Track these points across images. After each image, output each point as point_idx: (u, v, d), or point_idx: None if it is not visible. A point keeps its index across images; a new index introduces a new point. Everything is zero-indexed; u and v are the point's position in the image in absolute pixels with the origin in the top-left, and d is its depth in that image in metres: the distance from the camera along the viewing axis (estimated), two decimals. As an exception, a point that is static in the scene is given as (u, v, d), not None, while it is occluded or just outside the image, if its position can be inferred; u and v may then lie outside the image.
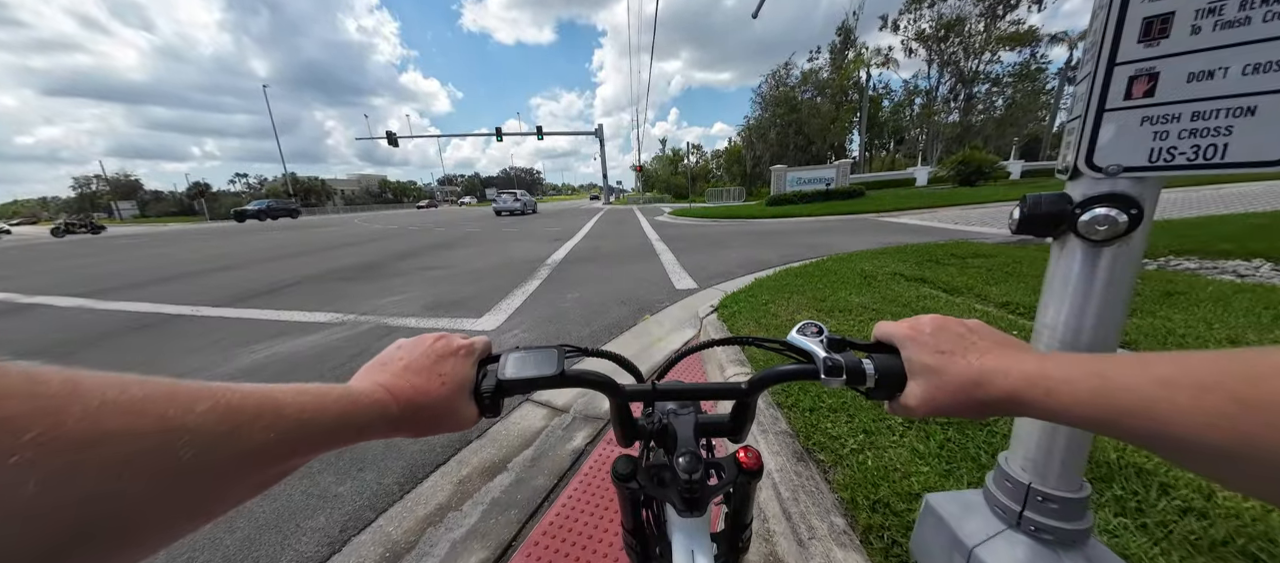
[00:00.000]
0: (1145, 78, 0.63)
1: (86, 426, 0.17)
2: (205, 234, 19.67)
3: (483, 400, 0.39)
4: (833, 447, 1.48)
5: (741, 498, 0.52)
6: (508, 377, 0.40)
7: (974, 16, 34.76)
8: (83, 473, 0.17)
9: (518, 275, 5.61)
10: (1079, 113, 0.72)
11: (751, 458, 0.49)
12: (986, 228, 7.83)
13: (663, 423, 0.50)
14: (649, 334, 3.20)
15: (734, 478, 0.49)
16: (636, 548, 0.57)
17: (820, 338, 0.42)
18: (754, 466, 0.49)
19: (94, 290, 6.09)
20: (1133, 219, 0.65)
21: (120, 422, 0.18)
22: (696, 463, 0.44)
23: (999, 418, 1.41)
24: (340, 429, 0.29)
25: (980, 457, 1.37)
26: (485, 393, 0.39)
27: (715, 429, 0.50)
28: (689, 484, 0.43)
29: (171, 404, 0.20)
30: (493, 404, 0.40)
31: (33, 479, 0.16)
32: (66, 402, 0.17)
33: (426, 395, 0.35)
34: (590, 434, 1.89)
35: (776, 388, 1.88)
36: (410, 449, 1.85)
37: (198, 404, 0.21)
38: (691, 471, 0.43)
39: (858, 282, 3.74)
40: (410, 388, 0.35)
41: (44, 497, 0.16)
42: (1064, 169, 0.76)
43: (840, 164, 22.03)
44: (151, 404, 0.20)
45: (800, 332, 0.44)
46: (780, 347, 0.46)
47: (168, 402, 0.20)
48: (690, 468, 0.43)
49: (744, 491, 0.51)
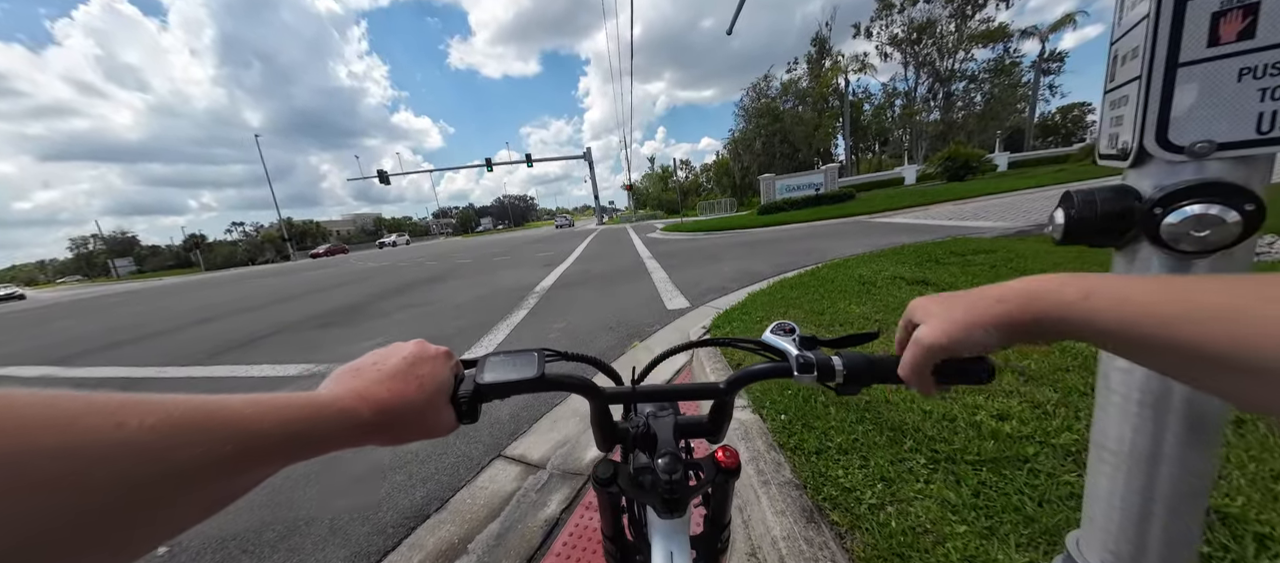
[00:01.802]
0: (1239, 11, 0.44)
1: (8, 442, 0.17)
2: (196, 286, 19.44)
3: (460, 407, 0.38)
4: (847, 502, 1.23)
5: (721, 498, 0.51)
6: (486, 381, 0.39)
7: (944, 18, 35.76)
8: (6, 491, 0.16)
9: (504, 306, 5.39)
10: (1133, 74, 0.52)
11: (729, 457, 0.49)
12: (982, 222, 7.70)
13: (644, 426, 0.50)
14: (639, 361, 2.96)
15: (713, 477, 0.48)
16: (616, 555, 0.55)
17: (792, 337, 0.45)
18: (732, 464, 0.48)
19: (65, 356, 5.84)
20: (1248, 218, 0.44)
21: (50, 439, 0.18)
22: (676, 464, 0.44)
23: (1039, 453, 1.17)
24: (305, 438, 0.27)
25: (1025, 507, 1.12)
26: (463, 398, 0.38)
27: (694, 430, 0.51)
28: (669, 485, 0.43)
29: (110, 419, 0.20)
30: (470, 410, 0.38)
31: None
32: None
33: (403, 399, 0.34)
34: (567, 497, 1.64)
35: (778, 429, 1.64)
36: (356, 533, 1.59)
37: (145, 417, 0.21)
38: (671, 471, 0.43)
39: (856, 289, 3.53)
40: (386, 391, 0.33)
41: None
42: (1119, 151, 0.56)
43: (828, 169, 22.10)
44: (87, 418, 0.19)
45: (774, 331, 0.46)
46: (756, 346, 0.48)
47: (104, 416, 0.20)
48: (670, 469, 0.43)
49: (722, 490, 0.51)
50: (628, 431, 0.50)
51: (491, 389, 0.38)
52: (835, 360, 0.39)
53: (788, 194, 20.62)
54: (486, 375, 0.39)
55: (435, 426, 0.36)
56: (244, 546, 1.59)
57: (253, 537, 1.63)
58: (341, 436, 0.30)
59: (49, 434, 0.18)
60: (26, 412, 0.18)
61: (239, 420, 0.24)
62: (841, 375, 0.39)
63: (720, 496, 0.51)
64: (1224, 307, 0.22)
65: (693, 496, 0.46)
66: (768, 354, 0.45)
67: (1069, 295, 0.28)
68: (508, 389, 0.38)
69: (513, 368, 0.39)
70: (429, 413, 0.35)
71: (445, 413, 0.37)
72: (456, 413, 0.38)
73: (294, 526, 1.67)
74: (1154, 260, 0.52)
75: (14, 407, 0.18)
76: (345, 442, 0.30)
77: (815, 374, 0.39)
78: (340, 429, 0.30)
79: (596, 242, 15.75)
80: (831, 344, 0.44)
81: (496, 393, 0.39)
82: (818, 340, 0.44)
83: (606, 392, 0.44)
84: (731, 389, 0.44)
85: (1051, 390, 1.64)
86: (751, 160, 40.70)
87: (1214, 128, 0.47)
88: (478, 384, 0.38)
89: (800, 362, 0.40)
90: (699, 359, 2.62)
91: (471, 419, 0.39)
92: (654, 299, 4.88)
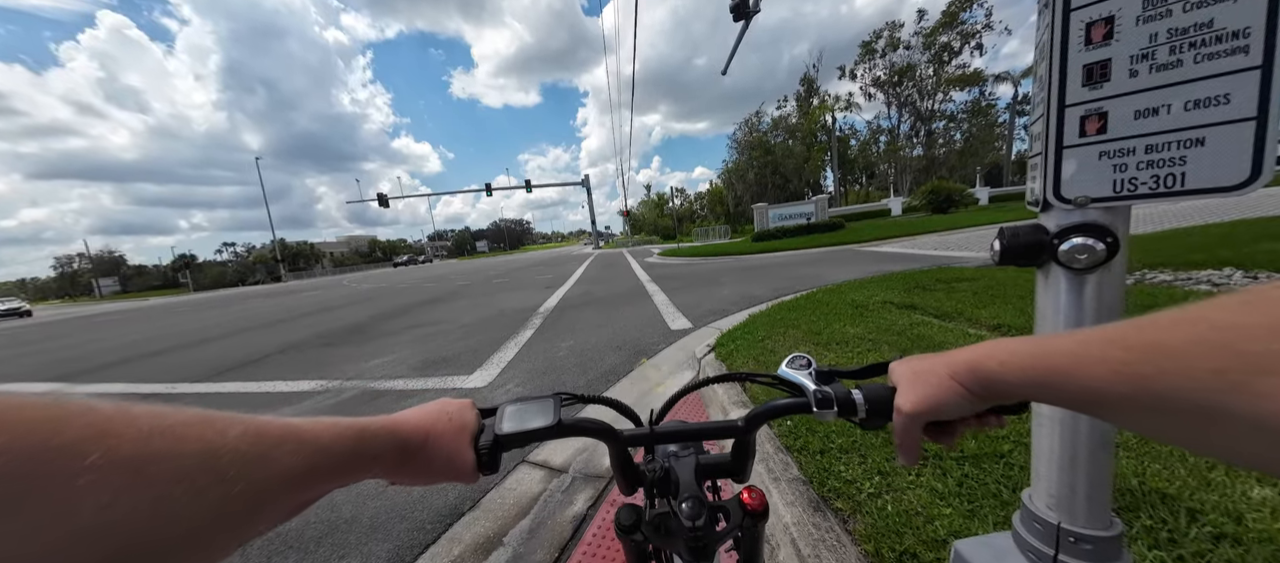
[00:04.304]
0: (1095, 117, 0.68)
1: (139, 448, 0.19)
2: (184, 307, 19.11)
3: (481, 456, 0.39)
4: (849, 492, 1.40)
5: (751, 543, 0.49)
6: (505, 431, 0.39)
7: (923, 63, 38.11)
8: (139, 491, 0.18)
9: (510, 326, 5.53)
10: (1040, 149, 0.76)
11: (755, 499, 0.47)
12: (966, 252, 8.08)
13: (665, 468, 0.48)
14: (647, 379, 3.12)
15: (740, 522, 0.47)
16: None
17: (809, 371, 0.44)
18: (759, 507, 0.47)
19: (69, 373, 5.80)
20: (1110, 247, 0.67)
21: (168, 445, 0.20)
22: (700, 508, 0.42)
23: (1014, 450, 1.37)
24: (357, 457, 0.30)
25: (1001, 493, 1.31)
26: (484, 449, 0.39)
27: (717, 470, 0.49)
28: (694, 532, 0.41)
29: (209, 428, 0.22)
30: (491, 460, 0.39)
31: (94, 499, 0.17)
32: (122, 427, 0.19)
33: (436, 427, 0.37)
34: (592, 496, 1.78)
35: (784, 433, 1.81)
36: (397, 530, 1.71)
37: (231, 429, 0.23)
38: (695, 516, 0.42)
39: (850, 312, 3.76)
40: (422, 418, 0.37)
41: (104, 514, 0.17)
42: (1034, 201, 0.80)
43: (819, 199, 22.97)
44: (192, 429, 0.21)
45: (790, 365, 0.45)
46: (773, 381, 0.46)
47: (205, 427, 0.22)
48: (694, 514, 0.42)
49: (753, 534, 0.48)
50: (649, 474, 0.48)
51: (510, 439, 0.39)
52: (856, 395, 0.38)
53: (781, 222, 21.28)
54: (505, 426, 0.39)
55: (461, 465, 0.38)
56: (288, 542, 1.70)
57: (295, 536, 1.73)
58: (387, 456, 0.33)
59: (190, 441, 0.20)
60: (163, 421, 0.20)
61: (313, 437, 0.27)
62: (863, 411, 0.38)
63: (750, 540, 0.49)
64: (1095, 355, 0.25)
65: (721, 541, 0.44)
66: (784, 389, 0.44)
67: (992, 367, 0.31)
68: (526, 438, 0.39)
69: (530, 416, 0.39)
70: (456, 450, 0.38)
71: (468, 453, 0.38)
72: (478, 462, 0.38)
73: (333, 525, 1.77)
74: (1061, 276, 0.74)
75: (157, 416, 0.20)
76: (389, 463, 0.33)
77: (836, 410, 0.38)
78: (386, 449, 0.33)
79: (594, 265, 16.02)
80: (850, 376, 0.43)
81: (515, 442, 0.39)
82: (836, 372, 0.43)
83: (625, 434, 0.44)
84: (751, 427, 0.43)
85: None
86: (744, 190, 42.04)
87: (1088, 188, 0.70)
88: (496, 435, 0.39)
89: (819, 397, 0.39)
90: (713, 390, 2.78)
91: (492, 469, 0.39)
92: (656, 320, 5.06)
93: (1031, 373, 0.29)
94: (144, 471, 0.18)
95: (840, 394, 0.39)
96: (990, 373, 0.31)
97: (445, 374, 3.84)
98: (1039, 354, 0.28)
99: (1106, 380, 0.24)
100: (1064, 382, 0.27)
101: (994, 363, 0.31)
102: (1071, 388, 0.26)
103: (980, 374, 0.31)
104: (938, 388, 0.34)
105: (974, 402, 0.33)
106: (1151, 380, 0.22)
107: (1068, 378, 0.26)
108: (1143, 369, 0.23)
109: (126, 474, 0.18)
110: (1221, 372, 0.20)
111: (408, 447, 0.35)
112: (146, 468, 0.19)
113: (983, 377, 0.31)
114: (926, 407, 0.34)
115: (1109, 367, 0.24)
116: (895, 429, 0.36)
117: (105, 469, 0.17)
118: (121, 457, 0.18)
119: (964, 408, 0.33)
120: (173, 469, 0.19)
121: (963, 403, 0.33)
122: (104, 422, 0.18)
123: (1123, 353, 0.24)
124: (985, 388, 0.31)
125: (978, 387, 0.32)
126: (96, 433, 0.18)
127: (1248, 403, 0.19)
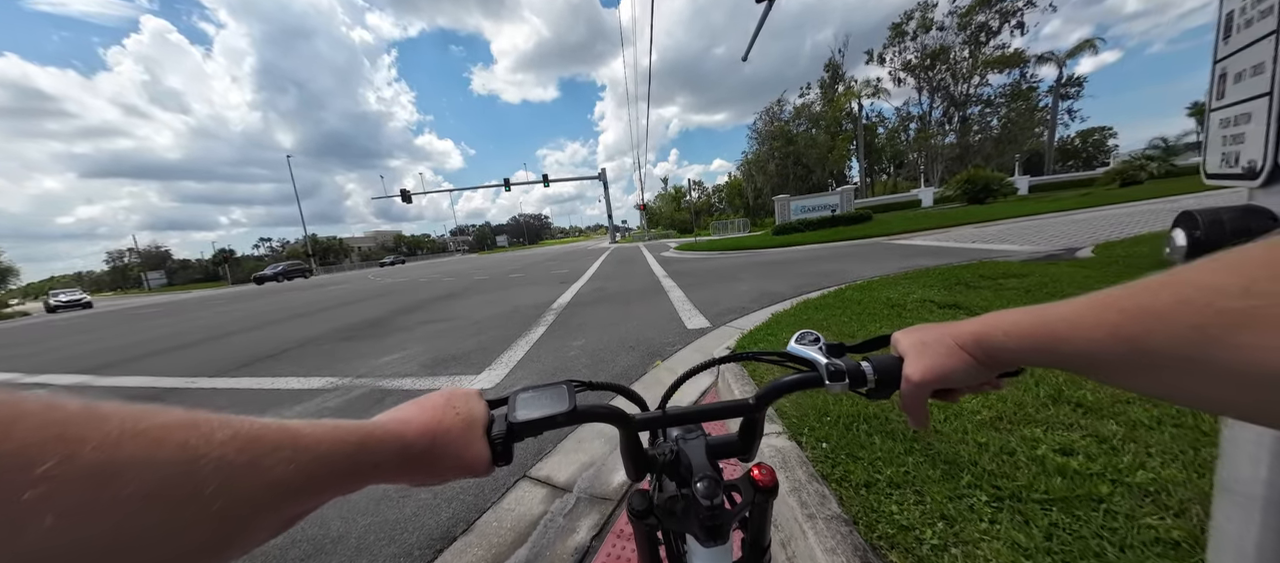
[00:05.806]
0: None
1: (106, 455, 0.16)
2: (221, 299, 20.10)
3: (495, 447, 0.37)
4: (906, 542, 1.15)
5: (759, 520, 0.49)
6: (519, 419, 0.38)
7: (958, 44, 36.01)
8: (101, 508, 0.16)
9: (522, 323, 5.41)
10: (1262, 89, 0.49)
11: (766, 475, 0.47)
12: (1008, 245, 7.50)
13: (674, 450, 0.48)
14: (661, 383, 2.90)
15: (752, 499, 0.47)
16: None
17: (819, 345, 0.44)
18: (770, 482, 0.47)
19: (98, 366, 6.04)
20: None
21: (141, 451, 0.17)
22: (715, 487, 0.42)
23: (1114, 493, 1.04)
24: (358, 465, 0.28)
25: (1105, 552, 1.03)
26: (497, 439, 0.37)
27: (725, 450, 0.49)
28: (711, 511, 0.41)
29: (193, 432, 0.20)
30: (505, 450, 0.38)
31: (43, 518, 0.15)
32: (85, 429, 0.16)
33: (443, 425, 0.35)
34: (597, 523, 1.58)
35: (820, 458, 1.56)
36: (383, 553, 1.55)
37: (218, 434, 0.20)
38: (711, 495, 0.42)
39: (885, 312, 3.44)
40: (428, 418, 0.35)
41: (56, 536, 0.15)
42: (1244, 169, 0.53)
43: (844, 190, 21.98)
44: (171, 432, 0.19)
45: (798, 341, 0.45)
46: (781, 358, 0.47)
47: (188, 430, 0.20)
48: (709, 493, 0.42)
49: (761, 511, 0.49)
50: (659, 458, 0.48)
51: (525, 427, 0.38)
52: (865, 366, 0.40)
53: (803, 215, 20.54)
54: (519, 413, 0.38)
55: (473, 460, 0.36)
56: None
57: (277, 555, 1.60)
58: (391, 463, 0.30)
59: (168, 447, 0.18)
60: (137, 423, 0.17)
61: (312, 442, 0.24)
62: (873, 381, 0.39)
63: (759, 517, 0.50)
64: (1091, 320, 0.26)
65: (734, 519, 0.45)
66: (795, 366, 0.45)
67: (997, 336, 0.33)
68: (541, 426, 0.38)
69: (544, 403, 0.39)
70: (466, 445, 0.36)
71: (480, 447, 0.37)
72: (491, 454, 0.37)
73: (320, 545, 1.64)
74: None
75: (132, 417, 0.17)
76: (393, 470, 0.31)
77: (847, 382, 0.40)
78: (391, 455, 0.30)
79: (610, 261, 15.87)
80: (854, 349, 0.44)
81: (530, 430, 0.38)
82: (844, 347, 0.44)
83: (636, 418, 0.44)
84: (761, 404, 0.44)
85: (1115, 424, 1.54)
86: (764, 181, 40.89)
87: (1367, 143, 0.43)
88: (510, 423, 0.38)
89: (831, 370, 0.40)
90: (725, 380, 2.56)
91: (506, 461, 0.38)
92: (672, 318, 4.83)
93: (1033, 340, 0.30)
94: (109, 483, 0.16)
95: (851, 367, 0.40)
96: (996, 343, 0.33)
97: (453, 373, 3.73)
98: (1039, 323, 0.30)
99: (1103, 343, 0.26)
100: (1063, 347, 0.28)
101: (999, 334, 0.33)
102: (1070, 352, 0.28)
103: (986, 345, 0.34)
104: (946, 357, 0.35)
105: (981, 371, 0.34)
106: (1141, 340, 0.24)
107: (1066, 343, 0.28)
108: (1133, 330, 0.24)
109: (87, 486, 0.15)
110: (1201, 327, 0.22)
111: (413, 450, 0.32)
112: (112, 480, 0.16)
113: (989, 347, 0.33)
114: (935, 375, 0.36)
115: (1105, 329, 0.26)
116: (903, 396, 0.38)
117: (60, 481, 0.15)
118: (82, 465, 0.16)
119: (970, 377, 0.35)
120: (145, 480, 0.17)
121: (970, 372, 0.35)
122: (63, 423, 0.16)
123: (1116, 317, 0.25)
124: (990, 357, 0.33)
125: (984, 356, 0.34)
126: (53, 437, 0.16)
127: (1226, 355, 0.21)
